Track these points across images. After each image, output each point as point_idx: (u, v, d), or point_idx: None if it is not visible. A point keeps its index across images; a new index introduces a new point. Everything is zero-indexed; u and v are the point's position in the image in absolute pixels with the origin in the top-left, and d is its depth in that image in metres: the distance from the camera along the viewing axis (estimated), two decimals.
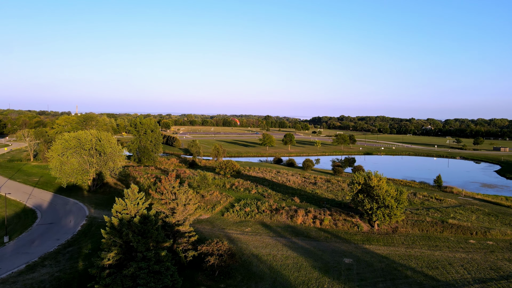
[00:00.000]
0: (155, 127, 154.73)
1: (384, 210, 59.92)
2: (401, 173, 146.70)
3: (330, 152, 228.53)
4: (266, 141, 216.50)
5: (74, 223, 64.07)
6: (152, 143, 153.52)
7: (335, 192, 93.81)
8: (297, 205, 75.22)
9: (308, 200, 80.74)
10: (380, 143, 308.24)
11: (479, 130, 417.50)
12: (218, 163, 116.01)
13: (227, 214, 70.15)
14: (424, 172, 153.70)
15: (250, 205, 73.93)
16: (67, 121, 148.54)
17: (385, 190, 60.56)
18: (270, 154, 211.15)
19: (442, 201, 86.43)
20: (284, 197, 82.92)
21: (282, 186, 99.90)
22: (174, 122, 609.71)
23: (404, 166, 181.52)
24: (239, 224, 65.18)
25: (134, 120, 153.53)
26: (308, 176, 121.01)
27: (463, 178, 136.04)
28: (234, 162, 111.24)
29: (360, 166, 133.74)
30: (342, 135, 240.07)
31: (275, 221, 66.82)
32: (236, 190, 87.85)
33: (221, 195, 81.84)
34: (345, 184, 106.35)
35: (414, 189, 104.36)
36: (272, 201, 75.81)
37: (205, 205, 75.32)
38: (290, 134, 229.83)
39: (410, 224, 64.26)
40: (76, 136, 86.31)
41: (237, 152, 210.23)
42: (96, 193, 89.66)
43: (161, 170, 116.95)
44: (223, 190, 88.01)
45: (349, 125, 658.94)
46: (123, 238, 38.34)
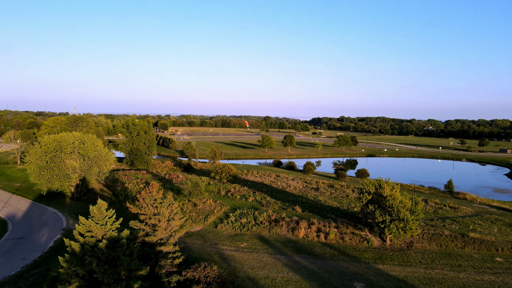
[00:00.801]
0: (148, 128, 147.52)
1: (398, 224, 52.61)
2: (408, 177, 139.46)
3: (332, 154, 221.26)
4: (265, 142, 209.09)
5: (47, 237, 56.74)
6: (145, 145, 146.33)
7: (340, 200, 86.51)
8: (299, 215, 67.91)
9: (311, 209, 73.41)
10: (382, 144, 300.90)
11: (482, 131, 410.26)
12: (213, 167, 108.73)
13: (221, 226, 62.85)
14: (431, 176, 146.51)
15: (246, 216, 66.64)
16: (56, 122, 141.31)
17: (399, 200, 53.22)
18: (270, 156, 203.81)
19: (457, 210, 79.18)
20: (284, 205, 75.59)
21: (282, 193, 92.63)
22: (173, 123, 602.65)
23: (409, 169, 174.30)
24: (234, 238, 57.88)
25: (127, 121, 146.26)
26: (309, 180, 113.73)
27: (474, 182, 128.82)
28: (230, 166, 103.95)
29: (364, 170, 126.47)
30: (344, 136, 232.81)
31: (274, 235, 59.51)
32: (232, 198, 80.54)
33: (215, 204, 74.53)
34: (349, 189, 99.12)
35: (424, 195, 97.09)
36: (271, 211, 68.47)
37: (197, 215, 68.04)
38: (290, 136, 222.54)
39: (426, 238, 56.97)
40: (56, 138, 78.95)
41: (235, 154, 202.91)
42: (80, 200, 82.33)
43: (152, 175, 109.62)
44: (218, 198, 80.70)
45: (349, 126, 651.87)
46: (86, 268, 31.04)
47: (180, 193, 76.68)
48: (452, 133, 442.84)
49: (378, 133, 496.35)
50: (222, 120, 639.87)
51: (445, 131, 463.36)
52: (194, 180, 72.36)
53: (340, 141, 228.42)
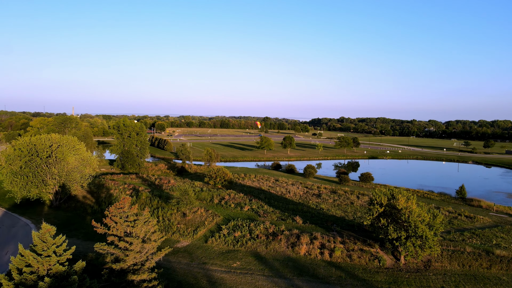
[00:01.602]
0: (140, 129, 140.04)
1: (415, 241, 45.29)
2: (414, 181, 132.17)
3: (333, 156, 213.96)
4: (264, 144, 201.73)
5: (9, 255, 49.21)
6: (137, 148, 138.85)
7: (344, 208, 79.18)
8: (300, 228, 60.55)
9: (313, 220, 66.04)
10: (384, 145, 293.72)
11: (485, 132, 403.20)
12: (207, 171, 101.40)
13: (211, 240, 55.50)
14: (438, 180, 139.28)
15: (241, 228, 59.30)
16: (43, 123, 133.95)
17: (416, 214, 45.86)
18: (268, 158, 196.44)
19: (473, 220, 71.84)
20: (283, 215, 68.22)
21: (281, 200, 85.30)
22: (171, 124, 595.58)
23: (414, 172, 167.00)
24: (225, 256, 50.55)
25: (117, 122, 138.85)
26: (310, 185, 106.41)
27: (484, 187, 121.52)
28: (225, 171, 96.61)
29: (368, 173, 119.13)
30: (345, 137, 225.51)
31: (272, 251, 52.19)
32: (226, 206, 73.14)
33: (207, 214, 67.14)
34: (353, 196, 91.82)
35: (435, 202, 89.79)
36: (268, 223, 61.09)
37: (185, 227, 60.69)
38: (289, 137, 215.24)
39: (446, 256, 49.62)
40: (32, 141, 71.53)
41: (233, 157, 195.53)
42: (59, 209, 74.93)
43: (142, 179, 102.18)
44: (210, 207, 73.32)
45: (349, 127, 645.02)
46: None
47: (169, 201, 69.35)
48: (454, 134, 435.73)
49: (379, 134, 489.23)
50: (221, 121, 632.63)
51: (447, 132, 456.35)
52: (183, 188, 65.05)
53: (341, 143, 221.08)
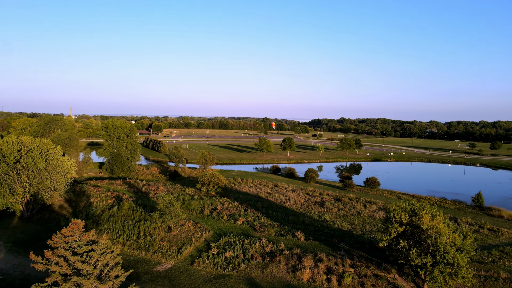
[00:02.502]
0: (131, 131, 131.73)
1: (444, 269, 36.90)
2: (422, 186, 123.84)
3: (334, 158, 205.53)
4: (262, 146, 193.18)
5: None
6: (127, 150, 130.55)
7: (351, 219, 70.80)
8: (301, 246, 52.12)
9: (316, 235, 57.61)
10: (387, 147, 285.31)
11: (489, 133, 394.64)
12: (200, 176, 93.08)
13: (198, 261, 47.08)
14: (448, 184, 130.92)
15: (233, 246, 50.91)
16: (26, 123, 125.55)
17: (445, 236, 37.44)
18: (267, 161, 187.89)
19: (498, 233, 63.53)
20: (282, 229, 59.77)
21: (280, 209, 76.93)
22: (169, 125, 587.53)
23: (421, 176, 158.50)
24: (214, 284, 42.16)
25: (106, 123, 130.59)
26: (312, 191, 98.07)
27: (499, 193, 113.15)
28: (219, 176, 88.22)
29: (374, 178, 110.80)
30: (347, 139, 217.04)
31: (268, 277, 43.81)
32: (218, 219, 64.69)
33: (195, 228, 58.74)
34: (360, 204, 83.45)
35: (450, 211, 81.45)
36: (265, 240, 52.63)
37: (169, 245, 52.28)
38: (289, 138, 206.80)
39: (478, 284, 41.27)
40: None
41: (230, 159, 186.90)
42: (30, 221, 66.48)
43: (128, 186, 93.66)
44: (200, 219, 64.90)
45: (350, 128, 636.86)
46: None
47: (153, 214, 60.88)
48: (457, 135, 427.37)
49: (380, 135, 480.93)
50: (219, 122, 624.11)
51: (450, 133, 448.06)
52: (168, 198, 56.64)
53: (343, 144, 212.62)
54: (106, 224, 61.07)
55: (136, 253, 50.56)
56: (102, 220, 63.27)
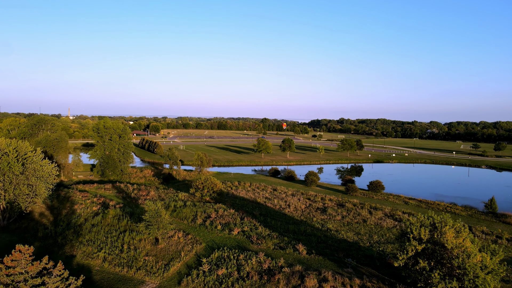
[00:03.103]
0: (123, 131, 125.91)
1: None
2: (428, 190, 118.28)
3: (335, 159, 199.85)
4: (261, 147, 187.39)
5: None
6: (119, 152, 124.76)
7: (356, 228, 65.20)
8: (303, 262, 46.46)
9: (320, 248, 51.92)
10: (388, 148, 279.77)
11: (491, 133, 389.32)
12: (194, 180, 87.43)
13: (187, 280, 41.44)
14: (456, 188, 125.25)
15: (227, 262, 45.26)
16: (14, 124, 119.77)
17: (475, 258, 31.77)
18: (266, 162, 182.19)
19: None
20: (282, 241, 54.07)
21: (279, 216, 71.29)
22: (167, 125, 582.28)
23: (426, 178, 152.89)
24: None
25: (97, 124, 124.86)
26: (313, 196, 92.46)
27: (510, 197, 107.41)
28: (214, 181, 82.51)
29: (378, 182, 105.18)
30: (348, 140, 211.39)
31: None
32: (211, 229, 58.96)
33: (185, 240, 53.04)
34: (365, 210, 77.82)
35: (462, 218, 75.84)
36: (262, 255, 46.94)
37: (155, 260, 46.61)
38: (288, 139, 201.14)
39: None
40: None
41: (227, 161, 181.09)
42: (6, 230, 60.69)
43: (117, 190, 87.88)
44: (191, 229, 59.19)
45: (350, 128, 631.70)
46: None
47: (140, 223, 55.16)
48: (459, 136, 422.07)
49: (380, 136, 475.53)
50: (218, 122, 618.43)
51: (451, 133, 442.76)
52: (154, 208, 50.98)
53: (344, 146, 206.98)
54: (88, 235, 55.37)
55: (117, 269, 44.86)
56: (84, 230, 57.59)
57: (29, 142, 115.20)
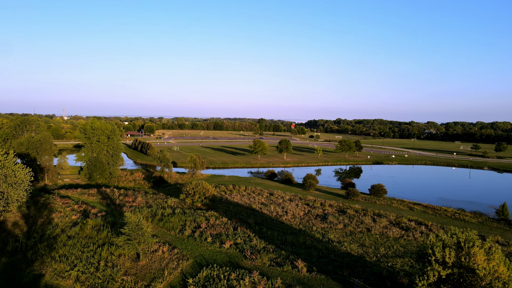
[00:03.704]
0: (112, 133, 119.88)
1: None
2: (432, 193, 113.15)
3: (334, 161, 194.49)
4: (257, 148, 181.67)
5: None
6: (108, 154, 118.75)
7: (360, 238, 59.66)
8: (303, 282, 40.79)
9: (321, 264, 46.28)
10: (387, 149, 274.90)
11: (489, 134, 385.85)
12: (185, 185, 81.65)
13: None
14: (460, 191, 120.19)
15: (216, 283, 39.52)
16: None
17: None
18: (262, 164, 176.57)
19: None
20: (279, 256, 48.33)
21: (276, 225, 65.68)
22: (162, 126, 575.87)
23: (428, 181, 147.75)
24: None
25: (84, 125, 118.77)
26: (312, 201, 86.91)
27: None
28: (206, 186, 76.80)
29: (380, 185, 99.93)
30: (347, 141, 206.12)
31: None
32: (200, 241, 53.13)
33: (170, 255, 47.21)
34: (368, 218, 72.30)
35: (472, 226, 70.64)
36: (257, 274, 41.19)
37: (135, 280, 40.77)
38: (285, 140, 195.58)
39: None
40: None
41: (222, 163, 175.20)
42: None
43: (102, 196, 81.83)
44: (178, 241, 53.36)
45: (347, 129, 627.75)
46: None
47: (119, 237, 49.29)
48: (457, 136, 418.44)
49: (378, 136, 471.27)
50: (214, 123, 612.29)
51: (449, 134, 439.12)
52: (134, 220, 45.22)
53: (342, 147, 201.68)
54: (62, 249, 49.38)
55: None
56: (59, 244, 51.52)
57: (11, 144, 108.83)
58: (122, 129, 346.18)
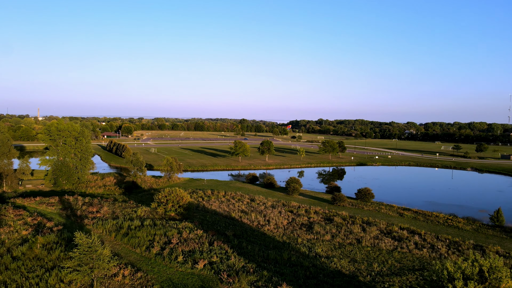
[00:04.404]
0: (81, 134, 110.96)
1: None
2: (419, 197, 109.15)
3: (317, 162, 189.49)
4: (238, 150, 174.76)
5: None
6: (76, 157, 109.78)
7: (350, 252, 53.73)
8: None
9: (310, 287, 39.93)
10: (370, 150, 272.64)
11: (468, 134, 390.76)
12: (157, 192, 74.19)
13: None
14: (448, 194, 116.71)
15: None
16: None
17: None
18: (243, 166, 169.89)
19: None
20: (260, 278, 41.72)
21: (258, 238, 59.18)
22: (141, 126, 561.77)
23: (414, 182, 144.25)
24: None
25: (49, 125, 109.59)
26: (296, 208, 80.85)
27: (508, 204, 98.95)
28: (181, 193, 69.54)
29: (367, 189, 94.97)
30: (330, 142, 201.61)
31: None
32: (170, 260, 45.98)
33: (133, 280, 40.00)
34: (357, 227, 66.68)
35: (467, 234, 65.96)
36: None
37: None
38: (267, 142, 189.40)
39: None
40: None
41: (202, 165, 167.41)
42: None
43: (62, 206, 73.19)
44: (144, 261, 46.06)
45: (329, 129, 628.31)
46: None
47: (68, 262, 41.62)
48: (437, 137, 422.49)
49: (360, 137, 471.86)
50: (195, 123, 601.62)
51: (429, 134, 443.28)
52: (87, 242, 37.86)
53: (326, 148, 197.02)
54: (4, 274, 41.45)
55: None
56: (1, 267, 43.58)
57: None
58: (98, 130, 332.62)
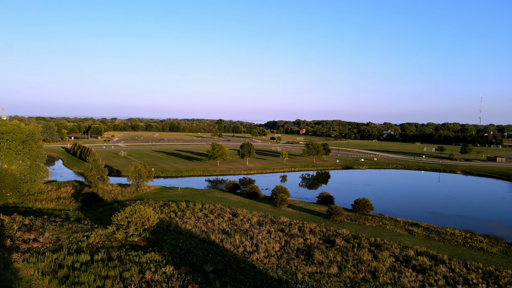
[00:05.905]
0: (30, 137, 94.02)
1: None
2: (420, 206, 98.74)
3: (301, 166, 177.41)
4: (216, 153, 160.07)
5: None
6: (25, 164, 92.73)
7: None
8: None
9: None
10: (353, 151, 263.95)
11: (447, 135, 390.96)
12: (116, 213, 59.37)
13: None
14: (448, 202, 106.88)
15: None
16: None
17: None
18: (222, 172, 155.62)
19: None
20: None
21: (244, 272, 45.50)
22: (113, 127, 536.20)
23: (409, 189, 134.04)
24: None
25: None
26: (287, 225, 67.80)
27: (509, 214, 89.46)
28: (147, 213, 54.98)
29: (365, 200, 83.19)
30: (314, 144, 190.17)
31: None
32: None
33: None
34: (365, 252, 54.14)
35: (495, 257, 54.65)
36: None
37: None
38: (248, 144, 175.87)
39: None
40: None
41: (176, 170, 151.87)
42: None
43: None
44: None
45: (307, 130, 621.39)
46: None
47: None
48: (416, 137, 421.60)
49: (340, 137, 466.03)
50: (170, 124, 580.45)
51: (408, 135, 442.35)
52: None
53: (310, 150, 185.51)
54: None
55: None
56: None
57: None
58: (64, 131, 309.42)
